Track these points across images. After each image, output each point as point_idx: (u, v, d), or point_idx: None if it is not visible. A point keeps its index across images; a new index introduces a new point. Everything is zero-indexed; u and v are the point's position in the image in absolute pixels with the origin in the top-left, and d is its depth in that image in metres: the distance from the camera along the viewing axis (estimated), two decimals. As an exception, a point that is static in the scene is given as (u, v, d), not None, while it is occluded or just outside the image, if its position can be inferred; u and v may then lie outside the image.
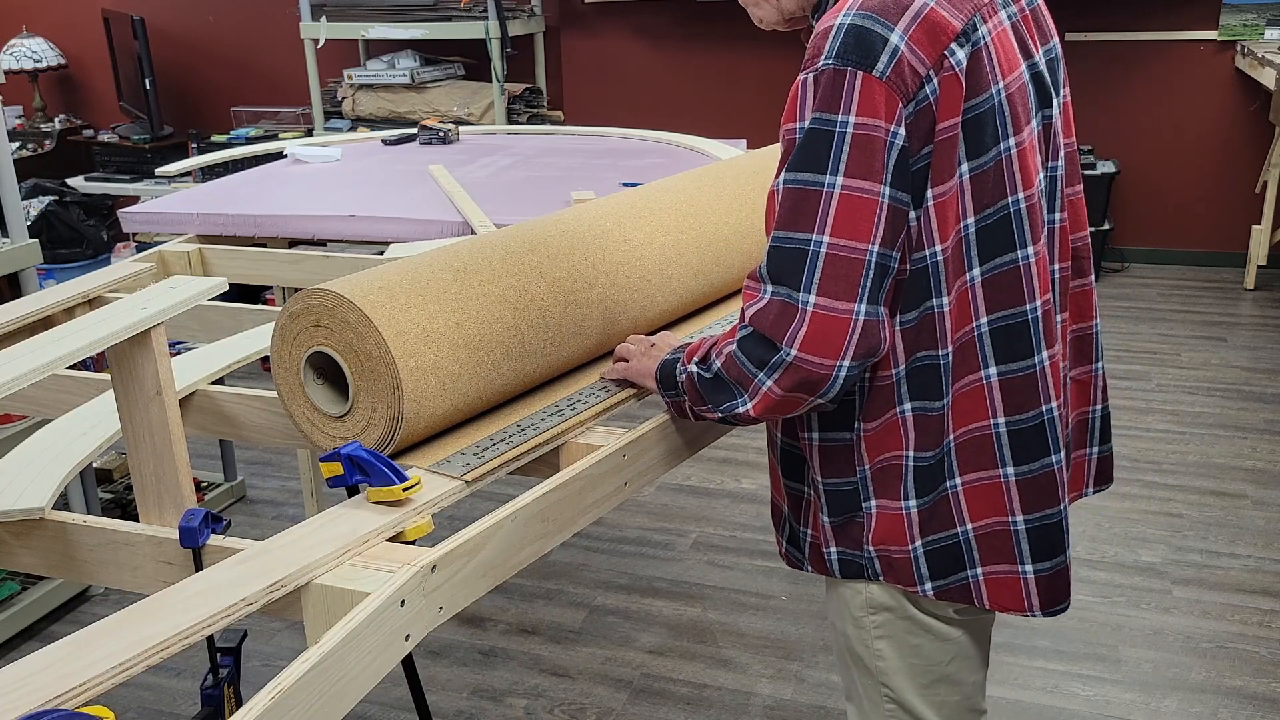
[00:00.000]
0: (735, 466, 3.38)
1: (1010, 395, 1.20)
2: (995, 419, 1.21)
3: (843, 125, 1.11)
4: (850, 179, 1.12)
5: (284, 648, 2.58)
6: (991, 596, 1.26)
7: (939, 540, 1.25)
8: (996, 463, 1.22)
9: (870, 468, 1.26)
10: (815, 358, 1.14)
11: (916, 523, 1.25)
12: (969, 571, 1.25)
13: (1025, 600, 1.25)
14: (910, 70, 1.11)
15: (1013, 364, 1.20)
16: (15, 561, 1.31)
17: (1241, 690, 2.31)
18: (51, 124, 5.87)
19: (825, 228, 1.13)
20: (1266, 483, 3.14)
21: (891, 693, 1.35)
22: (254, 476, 3.48)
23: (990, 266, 1.18)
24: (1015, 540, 1.23)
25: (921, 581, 1.26)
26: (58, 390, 1.65)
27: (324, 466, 1.21)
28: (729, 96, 5.30)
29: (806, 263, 1.13)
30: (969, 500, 1.23)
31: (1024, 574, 1.24)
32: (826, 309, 1.13)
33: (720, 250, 1.72)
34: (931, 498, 1.24)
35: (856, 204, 1.12)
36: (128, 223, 2.46)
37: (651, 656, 2.49)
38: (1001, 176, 1.16)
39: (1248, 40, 4.76)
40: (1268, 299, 4.66)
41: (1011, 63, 1.17)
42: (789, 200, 1.15)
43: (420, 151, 3.07)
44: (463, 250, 1.43)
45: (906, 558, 1.26)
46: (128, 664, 0.95)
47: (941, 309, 1.19)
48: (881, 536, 1.27)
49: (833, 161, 1.12)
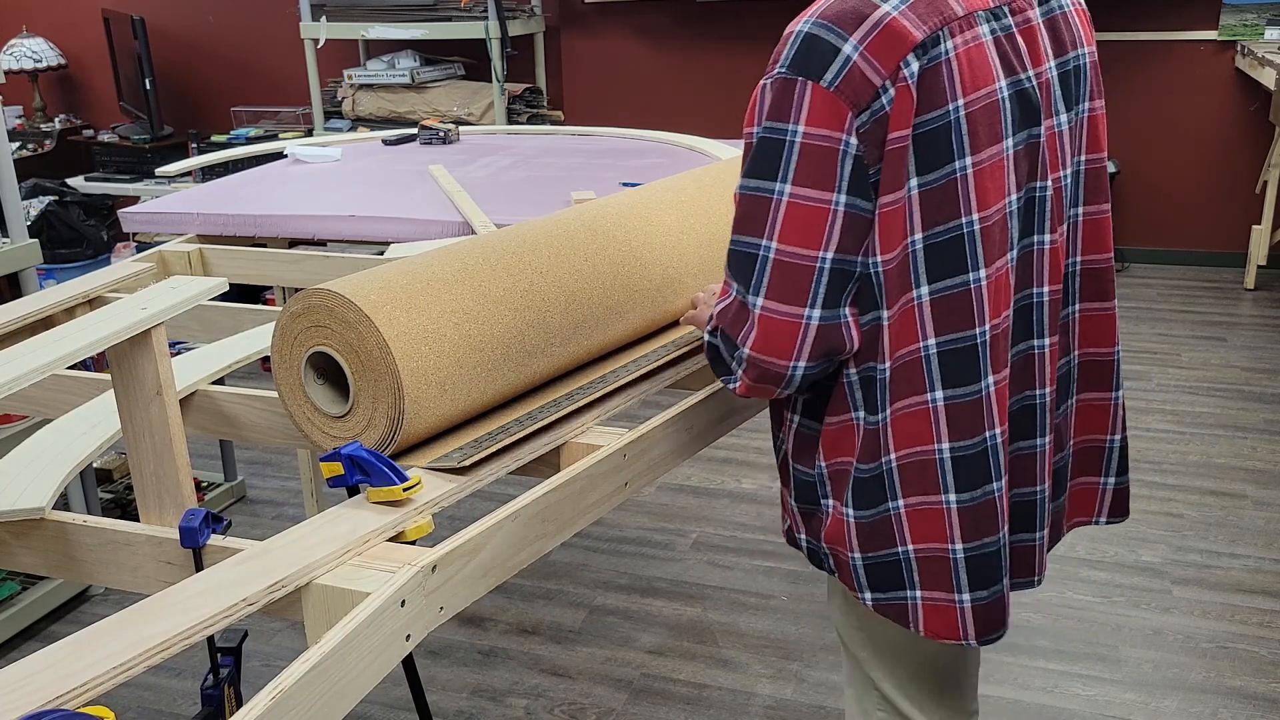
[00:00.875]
0: (735, 466, 3.38)
1: (955, 420, 1.18)
2: (940, 444, 1.18)
3: (792, 134, 1.12)
4: (798, 187, 1.12)
5: (284, 648, 2.58)
6: (927, 622, 1.24)
7: (880, 556, 1.24)
8: (939, 488, 1.19)
9: (827, 466, 1.26)
10: (767, 357, 1.16)
11: (855, 534, 1.24)
12: (908, 593, 1.24)
13: (960, 629, 1.23)
14: (862, 79, 1.09)
15: (959, 388, 1.17)
16: (15, 561, 1.31)
17: (1241, 690, 2.31)
18: (51, 124, 5.87)
19: (774, 234, 1.14)
20: (1266, 483, 3.14)
21: (874, 681, 1.40)
22: (254, 476, 3.48)
23: (940, 286, 1.15)
24: (954, 568, 1.21)
25: (861, 590, 1.26)
26: (58, 390, 1.65)
27: (324, 466, 1.21)
28: (729, 96, 5.30)
29: (756, 267, 1.15)
30: (910, 522, 1.21)
31: (960, 602, 1.22)
32: (775, 312, 1.15)
33: (721, 250, 1.72)
34: (872, 514, 1.23)
35: (805, 212, 1.12)
36: (128, 223, 2.46)
37: (651, 656, 2.49)
38: (955, 195, 1.13)
39: (1248, 40, 4.76)
40: (1268, 299, 4.66)
41: (980, 80, 1.13)
42: (743, 205, 1.17)
43: (420, 151, 3.07)
44: (463, 250, 1.43)
45: (848, 564, 1.26)
46: (128, 664, 0.95)
47: (881, 322, 1.17)
48: (831, 537, 1.27)
49: (782, 170, 1.13)
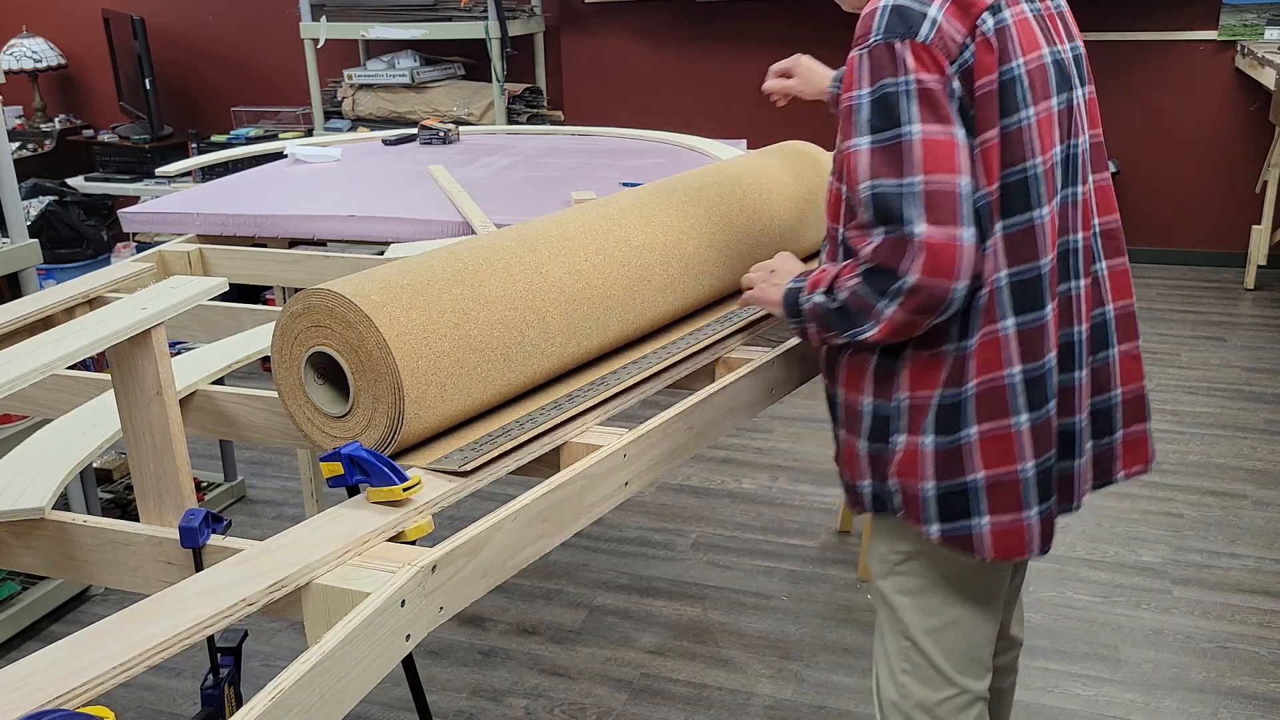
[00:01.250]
0: (735, 466, 3.38)
1: (1025, 344, 1.31)
2: (1010, 368, 1.31)
3: (905, 84, 1.25)
4: (925, 125, 1.25)
5: (284, 648, 2.58)
6: (995, 546, 1.34)
7: (951, 485, 1.34)
8: (1010, 411, 1.31)
9: (908, 398, 1.36)
10: (934, 280, 1.25)
11: (932, 462, 1.34)
12: (973, 520, 1.34)
13: (1027, 544, 1.35)
14: (949, 37, 1.25)
15: (1027, 315, 1.31)
16: (15, 561, 1.31)
17: (1241, 690, 2.31)
18: (51, 124, 5.87)
19: (915, 169, 1.25)
20: (1266, 483, 3.14)
21: (906, 629, 1.48)
22: (254, 476, 3.48)
23: (1010, 223, 1.29)
24: (1024, 487, 1.33)
25: (929, 523, 1.36)
26: (58, 390, 1.65)
27: (324, 466, 1.21)
28: (729, 96, 5.30)
29: (905, 202, 1.25)
30: (982, 450, 1.32)
31: (1028, 519, 1.34)
32: (936, 237, 1.24)
33: (721, 250, 1.72)
34: (950, 441, 1.33)
35: (937, 145, 1.25)
36: (128, 223, 2.46)
37: (651, 656, 2.49)
38: (1023, 140, 1.28)
39: (1248, 40, 4.76)
40: (1268, 299, 4.66)
41: (1032, 44, 1.30)
42: (877, 156, 1.27)
43: (420, 151, 3.07)
44: (463, 250, 1.43)
45: (917, 497, 1.36)
46: (128, 664, 0.95)
47: (985, 252, 1.30)
48: (903, 469, 1.36)
49: (905, 115, 1.25)
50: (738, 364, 1.61)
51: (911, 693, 1.49)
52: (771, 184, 1.86)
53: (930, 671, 1.48)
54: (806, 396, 3.80)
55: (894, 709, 1.52)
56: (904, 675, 1.50)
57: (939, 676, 1.47)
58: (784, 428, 3.62)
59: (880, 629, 1.53)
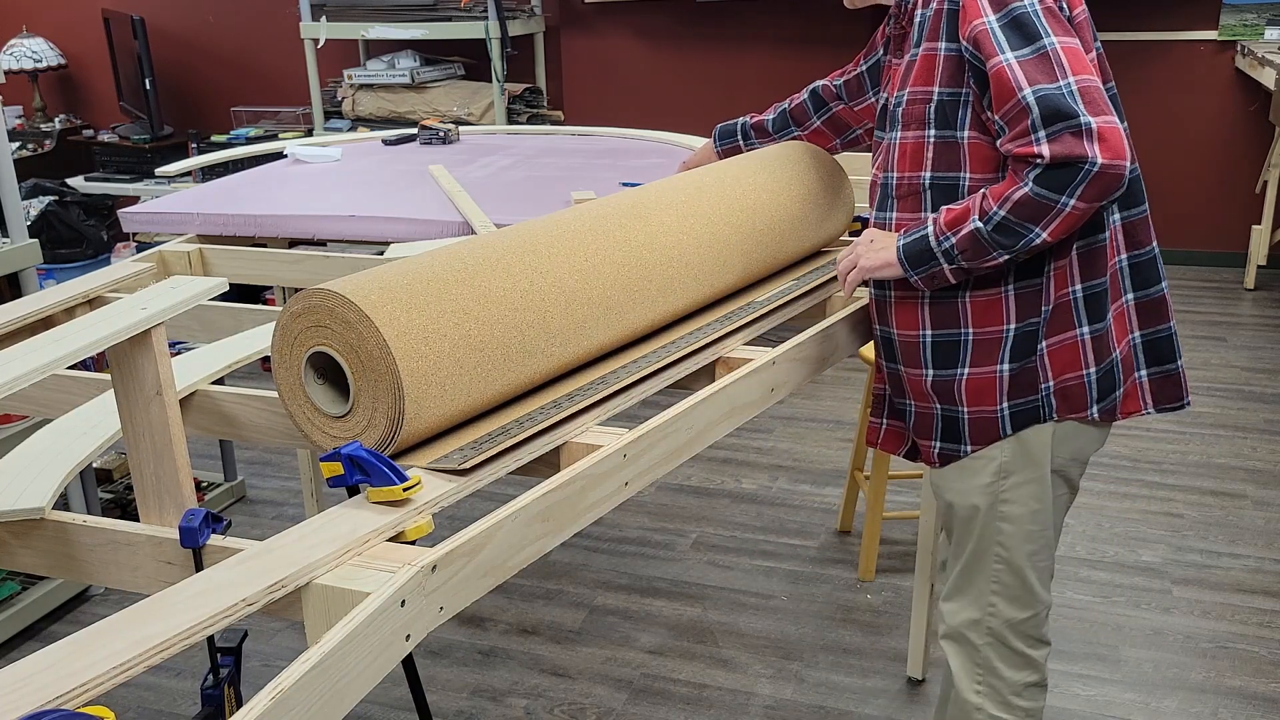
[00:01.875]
0: (735, 466, 3.38)
1: (1130, 236, 1.56)
2: (1120, 256, 1.56)
3: (1031, 5, 1.42)
4: (1059, 37, 1.41)
5: (284, 648, 2.58)
6: (1125, 403, 1.59)
7: (1106, 366, 1.55)
8: (1121, 291, 1.57)
9: (1053, 305, 1.52)
10: (1115, 161, 1.39)
11: (1090, 350, 1.54)
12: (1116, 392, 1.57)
13: (1141, 402, 1.61)
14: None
15: (1131, 210, 1.57)
16: (15, 561, 1.31)
17: (1241, 690, 2.31)
18: (51, 124, 5.87)
19: (1065, 72, 1.40)
20: (1266, 483, 3.14)
21: (1005, 553, 1.60)
22: (254, 476, 3.48)
23: None
24: (1134, 351, 1.59)
25: (1091, 405, 1.55)
26: (58, 390, 1.65)
27: (324, 466, 1.21)
28: (729, 96, 5.30)
29: (1069, 99, 1.39)
30: (1115, 325, 1.55)
31: (1140, 379, 1.60)
32: (1106, 123, 1.39)
33: (721, 250, 1.72)
34: (1098, 327, 1.54)
35: (1072, 52, 1.41)
36: (128, 223, 2.46)
37: (651, 656, 2.49)
38: (1102, 67, 1.52)
39: (1248, 40, 4.76)
40: (1268, 299, 4.66)
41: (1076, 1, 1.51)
42: (1029, 66, 1.40)
43: (420, 151, 3.07)
44: (463, 250, 1.43)
45: (1083, 384, 1.55)
46: (128, 664, 0.95)
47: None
48: (1060, 369, 1.54)
49: (1041, 29, 1.41)
50: (738, 364, 1.61)
51: (1000, 610, 1.62)
52: (772, 184, 1.86)
53: (1021, 590, 1.61)
54: (806, 396, 3.80)
55: (976, 628, 1.64)
56: (994, 596, 1.62)
57: (1029, 594, 1.61)
58: (784, 428, 3.62)
59: (970, 555, 1.64)
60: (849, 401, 3.75)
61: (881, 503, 2.66)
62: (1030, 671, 1.64)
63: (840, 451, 3.44)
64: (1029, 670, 1.64)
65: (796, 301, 1.84)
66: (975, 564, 1.63)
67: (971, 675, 1.66)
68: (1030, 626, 1.62)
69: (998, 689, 1.64)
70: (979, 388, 1.56)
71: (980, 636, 1.64)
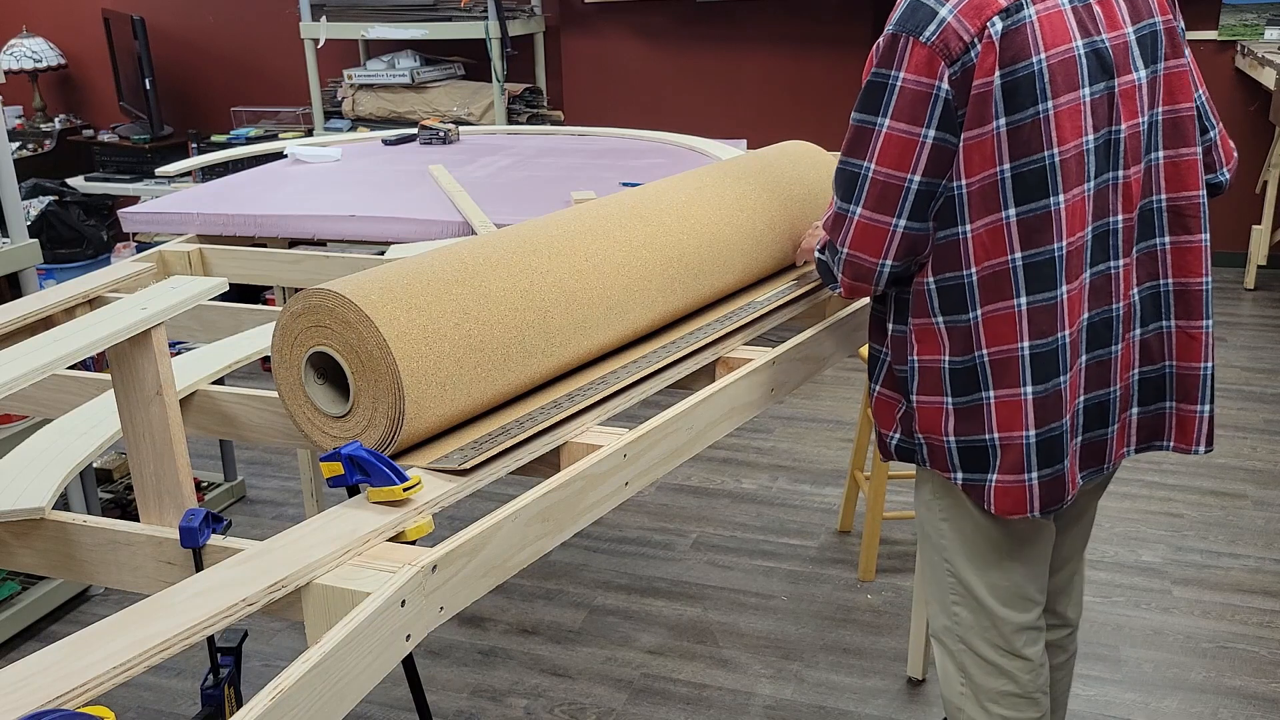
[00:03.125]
0: (735, 466, 3.38)
1: (1035, 321, 1.39)
2: (1022, 342, 1.40)
3: (894, 79, 1.36)
4: (895, 121, 1.36)
5: (284, 648, 2.58)
6: (998, 502, 1.45)
7: (970, 441, 1.45)
8: (1019, 381, 1.41)
9: (918, 361, 1.47)
10: (861, 255, 1.43)
11: (953, 419, 1.46)
12: (987, 476, 1.45)
13: (1028, 504, 1.45)
14: (955, 37, 1.33)
15: (1039, 294, 1.39)
16: (15, 561, 1.31)
17: (1241, 690, 2.31)
18: (51, 124, 5.87)
19: (873, 157, 1.39)
20: (1266, 483, 3.14)
21: (951, 568, 1.59)
22: (254, 476, 3.48)
23: (1025, 209, 1.37)
24: (1026, 452, 1.42)
25: (955, 471, 1.48)
26: (58, 390, 1.65)
27: (324, 466, 1.21)
28: (729, 96, 5.30)
29: (857, 184, 1.41)
30: (998, 412, 1.43)
31: (1029, 481, 1.44)
32: (870, 219, 1.40)
33: (721, 250, 1.72)
34: (967, 401, 1.44)
35: (899, 142, 1.37)
36: (128, 223, 2.46)
37: (651, 656, 2.49)
38: (1039, 133, 1.34)
39: (1248, 40, 4.76)
40: (1268, 299, 4.66)
41: (1058, 40, 1.34)
42: (851, 134, 1.42)
43: (420, 151, 3.07)
44: (464, 250, 1.43)
45: (942, 448, 1.48)
46: (128, 664, 0.95)
47: (962, 236, 1.40)
48: (925, 426, 1.49)
49: (883, 107, 1.37)
50: (738, 364, 1.61)
51: (962, 619, 1.61)
52: (772, 184, 1.86)
53: (975, 603, 1.59)
54: (806, 396, 3.80)
55: (948, 633, 1.64)
56: (955, 606, 1.62)
57: (983, 608, 1.59)
58: (784, 428, 3.62)
59: (929, 563, 1.64)
60: (849, 401, 3.75)
61: (881, 503, 2.66)
62: (1005, 681, 1.61)
63: (840, 451, 3.44)
64: (1004, 679, 1.61)
65: (797, 302, 1.84)
66: (932, 572, 1.64)
67: (955, 676, 1.66)
68: (995, 637, 1.60)
69: (976, 693, 1.64)
70: (882, 406, 1.58)
71: (953, 642, 1.65)
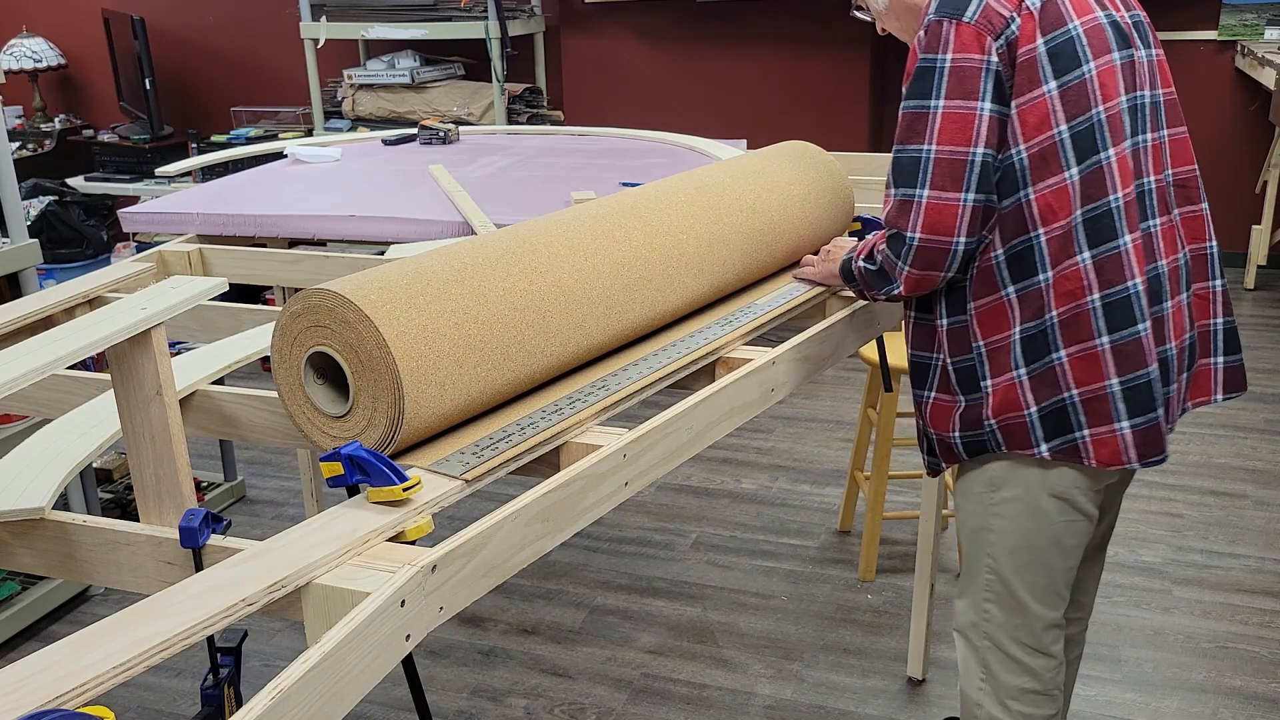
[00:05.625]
0: (735, 466, 3.38)
1: (1102, 272, 1.44)
2: (1091, 295, 1.45)
3: (942, 61, 1.44)
4: (950, 100, 1.43)
5: (284, 648, 2.58)
6: (1097, 454, 1.47)
7: (1050, 405, 1.48)
8: (1093, 333, 1.45)
9: (985, 344, 1.50)
10: (935, 236, 1.45)
11: (1029, 390, 1.48)
12: (1077, 434, 1.48)
13: (1123, 453, 1.47)
14: (995, 14, 1.43)
15: (1102, 245, 1.44)
16: (15, 561, 1.31)
17: (1241, 690, 2.31)
18: (51, 124, 5.87)
19: (932, 139, 1.44)
20: (1266, 483, 3.14)
21: (993, 564, 1.61)
22: (254, 476, 3.48)
23: (1084, 166, 1.43)
24: (1112, 401, 1.46)
25: (1038, 444, 1.50)
26: (58, 390, 1.65)
27: (324, 466, 1.21)
28: (729, 96, 5.30)
29: (920, 167, 1.45)
30: (1073, 368, 1.46)
31: (1120, 430, 1.47)
32: (938, 199, 1.44)
33: (721, 250, 1.72)
34: (1039, 365, 1.47)
35: (957, 118, 1.43)
36: (128, 223, 2.46)
37: (651, 656, 2.49)
38: (1086, 92, 1.44)
39: (1248, 40, 4.76)
40: (1268, 299, 4.66)
41: (1084, 10, 1.46)
42: (905, 122, 1.47)
43: (420, 151, 3.07)
44: (463, 250, 1.43)
45: (1024, 424, 1.49)
46: (128, 664, 0.95)
47: (1029, 198, 1.45)
48: (1000, 407, 1.50)
49: (935, 89, 1.44)
50: (738, 364, 1.61)
51: (993, 616, 1.63)
52: (772, 184, 1.86)
53: (1011, 600, 1.61)
54: (806, 396, 3.80)
55: (973, 629, 1.67)
56: (987, 603, 1.64)
57: (1019, 605, 1.61)
58: (784, 428, 3.62)
59: (967, 561, 1.66)
60: (849, 401, 3.75)
61: (881, 503, 2.66)
62: (1028, 678, 1.64)
63: (840, 451, 3.44)
64: (1026, 677, 1.64)
65: (797, 307, 1.84)
66: (971, 569, 1.66)
67: (975, 672, 1.68)
68: (1025, 635, 1.62)
69: (995, 690, 1.66)
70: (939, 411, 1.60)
71: (979, 639, 1.67)
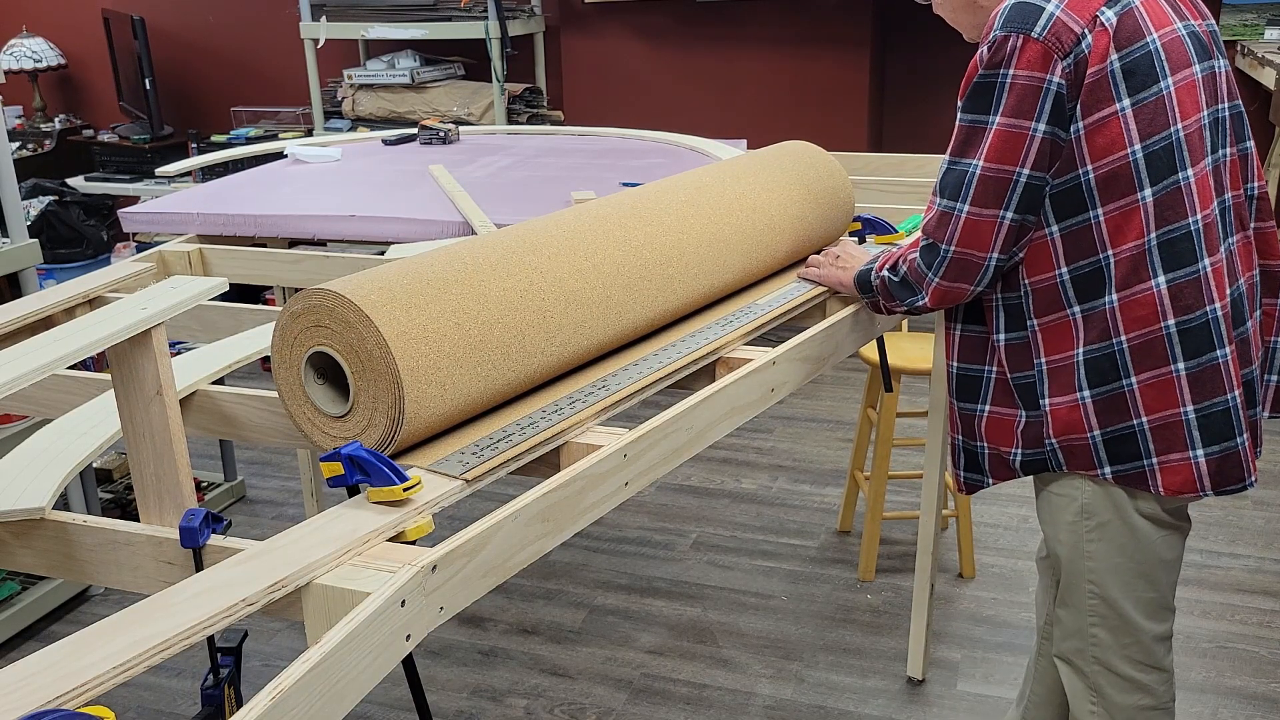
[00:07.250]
0: (735, 466, 3.38)
1: (1178, 298, 1.40)
2: (1166, 321, 1.40)
3: (1004, 76, 1.40)
4: (1005, 117, 1.41)
5: (284, 648, 2.58)
6: (1165, 481, 1.45)
7: (1117, 430, 1.45)
8: (1168, 359, 1.41)
9: (1046, 363, 1.48)
10: (970, 250, 1.45)
11: (1093, 412, 1.45)
12: (1144, 461, 1.45)
13: (1197, 482, 1.44)
14: (1066, 30, 1.38)
15: (1179, 270, 1.40)
16: (15, 561, 1.31)
17: (1241, 690, 2.31)
18: (51, 124, 5.87)
19: (981, 154, 1.43)
20: (1266, 483, 3.14)
21: (1097, 589, 1.56)
22: (254, 476, 3.48)
23: (1159, 187, 1.39)
24: (1186, 428, 1.42)
25: (1101, 466, 1.47)
26: (58, 390, 1.65)
27: (324, 466, 1.21)
28: (729, 96, 5.30)
29: (964, 183, 1.44)
30: (1144, 396, 1.43)
31: (1195, 458, 1.43)
32: (976, 215, 1.44)
33: (721, 250, 1.72)
34: (1105, 390, 1.44)
35: (1008, 136, 1.41)
36: (128, 223, 2.46)
37: (651, 656, 2.49)
38: (1163, 109, 1.39)
39: (1248, 40, 4.76)
40: (1268, 299, 4.66)
41: (1163, 21, 1.42)
42: (961, 135, 1.46)
43: (420, 151, 3.07)
44: (463, 250, 1.43)
45: (1087, 445, 1.47)
46: (128, 664, 0.95)
47: (1098, 219, 1.41)
48: (1062, 428, 1.48)
49: (994, 105, 1.42)
50: (738, 364, 1.61)
51: (1101, 639, 1.59)
52: (772, 184, 1.86)
53: (1118, 620, 1.57)
54: (806, 396, 3.80)
55: (1080, 655, 1.61)
56: (1093, 627, 1.59)
57: (1126, 624, 1.56)
58: (784, 428, 3.62)
59: (1061, 586, 1.61)
60: (849, 401, 3.75)
61: (881, 503, 2.66)
62: (1142, 695, 1.59)
63: (840, 451, 3.44)
64: (1141, 694, 1.59)
65: (798, 307, 1.84)
66: (1070, 595, 1.61)
67: (1085, 696, 1.63)
68: (1136, 652, 1.58)
69: (1110, 712, 1.62)
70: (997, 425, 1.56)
71: (1087, 664, 1.62)
